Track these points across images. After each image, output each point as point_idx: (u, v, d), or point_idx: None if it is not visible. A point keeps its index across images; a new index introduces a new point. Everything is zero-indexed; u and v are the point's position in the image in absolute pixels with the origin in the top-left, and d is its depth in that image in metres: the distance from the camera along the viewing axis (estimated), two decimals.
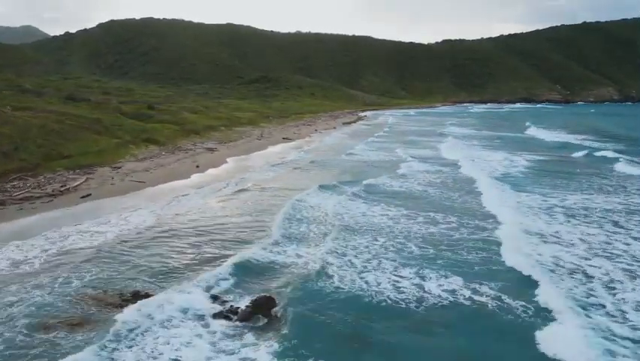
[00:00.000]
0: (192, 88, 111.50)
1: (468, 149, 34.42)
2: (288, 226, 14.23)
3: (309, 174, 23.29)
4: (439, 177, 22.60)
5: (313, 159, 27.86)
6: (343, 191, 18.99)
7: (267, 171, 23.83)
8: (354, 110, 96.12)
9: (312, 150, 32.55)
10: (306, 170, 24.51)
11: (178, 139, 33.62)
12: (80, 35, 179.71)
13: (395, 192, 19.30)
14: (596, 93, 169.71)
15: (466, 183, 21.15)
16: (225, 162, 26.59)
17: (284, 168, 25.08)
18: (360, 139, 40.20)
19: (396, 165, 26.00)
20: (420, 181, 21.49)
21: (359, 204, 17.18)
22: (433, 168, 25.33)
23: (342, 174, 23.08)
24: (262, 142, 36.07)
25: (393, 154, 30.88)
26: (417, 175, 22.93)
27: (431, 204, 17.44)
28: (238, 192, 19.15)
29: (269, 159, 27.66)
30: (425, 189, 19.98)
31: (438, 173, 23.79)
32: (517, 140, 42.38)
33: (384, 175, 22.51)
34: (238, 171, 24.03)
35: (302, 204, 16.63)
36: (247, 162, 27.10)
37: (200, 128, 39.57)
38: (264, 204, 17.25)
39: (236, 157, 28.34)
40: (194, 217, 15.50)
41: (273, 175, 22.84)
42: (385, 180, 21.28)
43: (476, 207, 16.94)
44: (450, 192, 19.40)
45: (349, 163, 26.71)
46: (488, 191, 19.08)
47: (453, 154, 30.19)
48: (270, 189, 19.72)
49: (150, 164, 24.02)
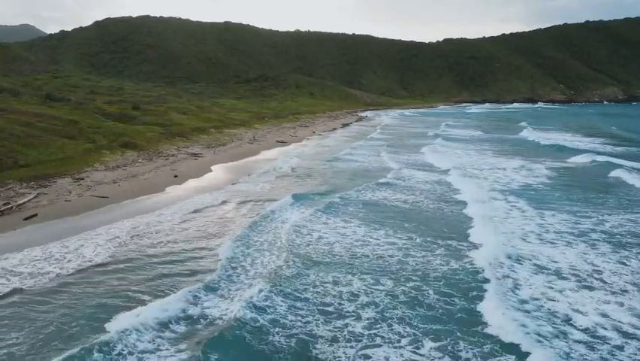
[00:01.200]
0: (188, 87, 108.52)
1: (466, 156, 31.32)
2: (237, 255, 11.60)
3: (300, 187, 20.21)
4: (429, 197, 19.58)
5: (308, 168, 24.72)
6: (334, 214, 15.99)
7: (256, 183, 20.75)
8: (354, 110, 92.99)
9: (308, 155, 29.38)
10: (297, 182, 21.43)
11: (161, 143, 30.53)
12: (74, 33, 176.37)
13: (378, 208, 16.38)
14: (600, 93, 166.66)
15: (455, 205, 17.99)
16: (209, 170, 23.49)
17: (275, 178, 21.99)
18: (361, 143, 37.06)
19: (399, 176, 22.95)
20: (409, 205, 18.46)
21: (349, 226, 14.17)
22: (428, 176, 22.31)
23: (339, 191, 20.06)
24: (254, 146, 32.95)
25: (395, 160, 27.80)
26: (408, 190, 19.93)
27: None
28: (219, 205, 16.18)
29: (259, 167, 24.55)
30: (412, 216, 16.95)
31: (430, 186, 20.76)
32: (514, 143, 39.47)
33: (383, 190, 19.48)
34: (222, 182, 20.95)
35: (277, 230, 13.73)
36: (234, 170, 23.99)
37: (187, 130, 36.49)
38: (234, 223, 14.38)
39: (223, 164, 25.23)
40: (154, 244, 12.51)
41: (260, 188, 19.77)
42: (376, 196, 18.25)
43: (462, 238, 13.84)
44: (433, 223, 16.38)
45: (345, 175, 23.47)
46: (476, 213, 16.00)
47: (445, 162, 27.00)
48: (251, 203, 16.80)
49: (121, 174, 20.91)
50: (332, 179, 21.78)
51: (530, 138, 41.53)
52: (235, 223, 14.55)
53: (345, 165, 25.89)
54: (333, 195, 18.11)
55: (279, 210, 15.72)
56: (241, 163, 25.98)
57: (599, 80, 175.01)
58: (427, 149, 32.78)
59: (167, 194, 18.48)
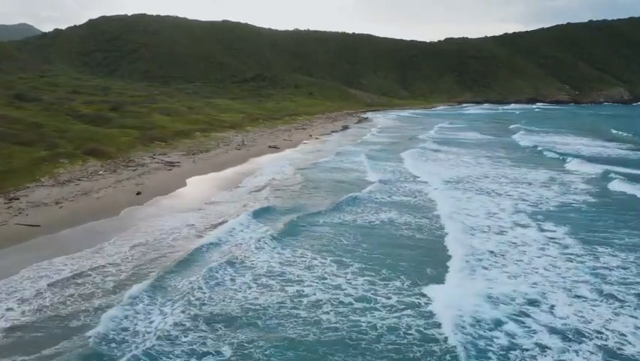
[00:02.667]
0: (182, 87, 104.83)
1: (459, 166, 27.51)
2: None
3: (283, 214, 16.43)
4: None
5: (298, 183, 20.83)
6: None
7: (238, 201, 16.98)
8: (355, 111, 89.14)
9: (301, 166, 25.52)
10: (283, 201, 17.65)
11: (134, 149, 26.73)
12: (68, 32, 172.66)
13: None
14: (606, 93, 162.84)
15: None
16: (183, 184, 19.69)
17: (260, 196, 18.19)
18: (363, 149, 33.25)
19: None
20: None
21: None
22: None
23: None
24: (242, 153, 29.11)
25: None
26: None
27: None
28: (182, 232, 12.39)
29: (244, 180, 20.75)
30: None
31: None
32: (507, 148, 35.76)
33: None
34: (196, 200, 17.17)
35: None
36: (213, 184, 20.18)
37: (169, 134, 32.68)
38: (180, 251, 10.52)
39: (201, 176, 21.43)
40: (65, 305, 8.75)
41: (237, 209, 15.98)
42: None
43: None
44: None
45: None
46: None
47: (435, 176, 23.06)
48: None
49: (70, 190, 17.12)
50: (325, 199, 17.93)
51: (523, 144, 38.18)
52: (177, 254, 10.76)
53: (343, 175, 22.07)
54: (322, 226, 14.29)
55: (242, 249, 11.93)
56: (223, 175, 22.14)
57: (604, 81, 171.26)
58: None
59: (119, 219, 14.67)
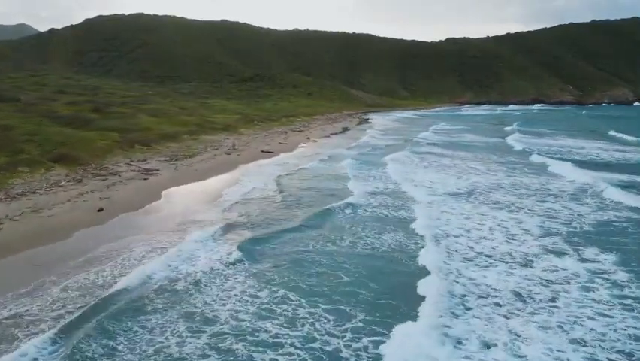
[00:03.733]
0: (178, 87, 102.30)
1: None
2: None
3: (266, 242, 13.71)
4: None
5: (287, 198, 18.08)
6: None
7: (219, 221, 14.28)
8: (355, 112, 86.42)
9: (295, 175, 22.81)
10: (268, 222, 14.94)
11: (111, 155, 24.04)
12: (64, 32, 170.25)
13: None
14: (610, 94, 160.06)
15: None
16: (157, 197, 16.94)
17: (245, 215, 15.47)
18: (367, 157, 30.57)
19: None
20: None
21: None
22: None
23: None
24: (231, 158, 26.35)
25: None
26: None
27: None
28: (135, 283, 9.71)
29: (229, 193, 18.03)
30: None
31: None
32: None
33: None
34: (164, 219, 14.45)
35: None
36: (192, 198, 17.46)
37: (153, 137, 30.00)
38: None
39: (180, 187, 18.69)
40: None
41: (217, 232, 13.28)
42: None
43: None
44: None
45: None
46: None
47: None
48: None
49: (19, 206, 14.40)
50: (311, 220, 15.19)
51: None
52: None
53: (339, 187, 19.36)
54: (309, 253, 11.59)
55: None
56: (205, 185, 19.39)
57: (608, 81, 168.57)
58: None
59: (68, 245, 11.92)
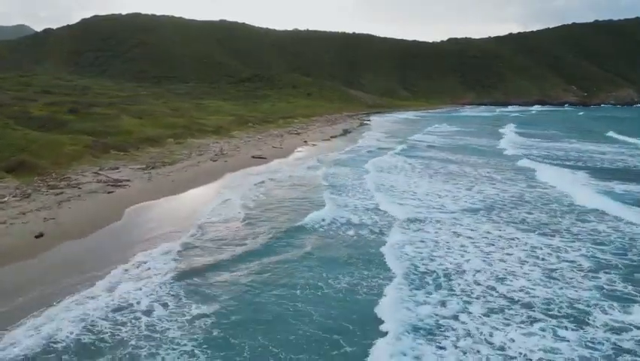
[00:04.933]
0: (174, 87, 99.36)
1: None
2: None
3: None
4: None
5: (267, 220, 15.15)
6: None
7: (163, 259, 11.33)
8: (355, 113, 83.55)
9: (285, 185, 19.89)
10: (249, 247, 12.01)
11: (79, 161, 21.13)
12: (60, 32, 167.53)
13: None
14: (615, 95, 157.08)
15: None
16: (118, 216, 14.00)
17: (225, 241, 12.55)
18: (370, 164, 27.64)
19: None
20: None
21: None
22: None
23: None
24: (217, 165, 23.41)
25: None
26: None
27: None
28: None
29: (207, 210, 15.10)
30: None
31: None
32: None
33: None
34: (117, 250, 11.51)
35: None
36: (161, 216, 14.52)
37: (133, 141, 27.08)
38: None
39: (149, 203, 15.72)
40: None
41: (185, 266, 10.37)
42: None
43: None
44: None
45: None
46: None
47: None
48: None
49: None
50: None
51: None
52: None
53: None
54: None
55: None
56: (179, 201, 16.41)
57: (613, 82, 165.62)
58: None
59: None
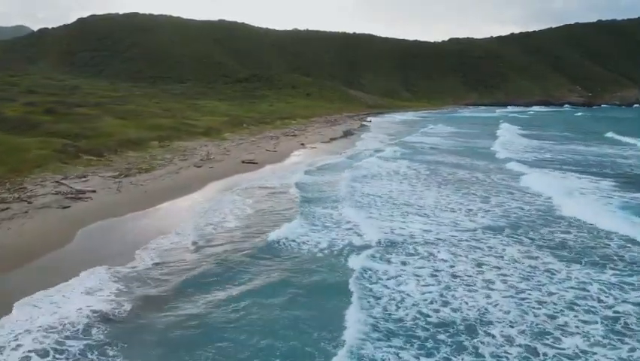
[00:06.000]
0: (170, 87, 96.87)
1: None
2: None
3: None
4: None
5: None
6: None
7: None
8: (356, 113, 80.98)
9: (275, 206, 17.26)
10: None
11: (43, 168, 18.56)
12: (55, 32, 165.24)
13: None
14: (620, 95, 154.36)
15: None
16: (67, 239, 11.42)
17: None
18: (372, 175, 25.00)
19: None
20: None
21: None
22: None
23: None
24: (200, 172, 20.81)
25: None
26: None
27: None
28: None
29: (180, 226, 12.50)
30: None
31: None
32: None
33: None
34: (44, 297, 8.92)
35: None
36: (123, 236, 11.92)
37: (110, 144, 24.51)
38: None
39: (108, 222, 13.12)
40: None
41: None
42: None
43: None
44: None
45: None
46: None
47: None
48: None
49: None
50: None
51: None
52: None
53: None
54: None
55: None
56: (149, 217, 13.84)
57: (617, 82, 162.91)
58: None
59: None
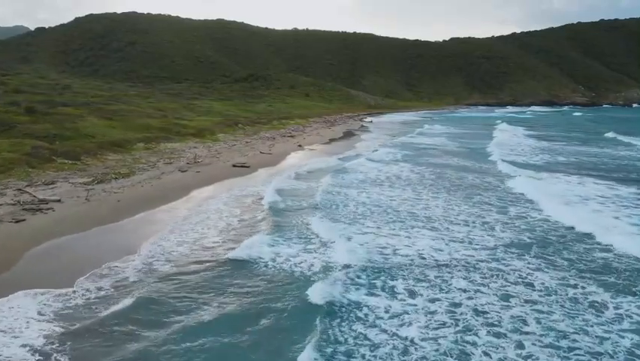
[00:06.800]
0: (167, 87, 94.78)
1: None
2: None
3: None
4: None
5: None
6: None
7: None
8: (357, 114, 78.89)
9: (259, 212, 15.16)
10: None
11: (5, 174, 16.50)
12: (52, 31, 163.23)
13: None
14: (625, 95, 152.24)
15: None
16: (5, 267, 9.37)
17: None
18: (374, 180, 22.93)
19: None
20: None
21: None
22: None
23: None
24: (184, 178, 18.72)
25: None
26: None
27: None
28: None
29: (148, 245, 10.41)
30: None
31: None
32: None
33: None
34: None
35: None
36: (50, 279, 9.83)
37: (90, 147, 22.43)
38: None
39: (70, 237, 11.10)
40: None
41: None
42: None
43: None
44: None
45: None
46: None
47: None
48: None
49: None
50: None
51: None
52: None
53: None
54: None
55: None
56: (117, 233, 11.77)
57: (622, 82, 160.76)
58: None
59: None
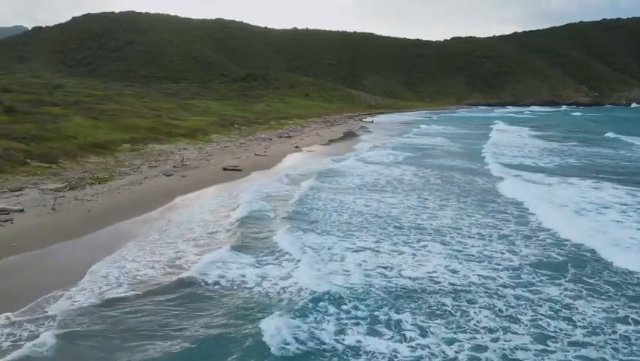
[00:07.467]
0: (163, 87, 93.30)
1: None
2: None
3: None
4: None
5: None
6: None
7: None
8: (357, 114, 77.34)
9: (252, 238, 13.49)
10: None
11: None
12: (50, 30, 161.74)
13: None
14: (628, 95, 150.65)
15: None
16: None
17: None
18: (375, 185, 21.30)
19: None
20: None
21: None
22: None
23: None
24: (169, 183, 17.11)
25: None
26: None
27: None
28: None
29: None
30: None
31: None
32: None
33: None
34: None
35: None
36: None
37: (70, 148, 20.83)
38: None
39: (24, 255, 9.49)
40: None
41: None
42: None
43: None
44: None
45: None
46: None
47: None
48: None
49: None
50: None
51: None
52: None
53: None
54: None
55: None
56: (81, 250, 10.22)
57: (624, 82, 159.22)
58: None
59: None
